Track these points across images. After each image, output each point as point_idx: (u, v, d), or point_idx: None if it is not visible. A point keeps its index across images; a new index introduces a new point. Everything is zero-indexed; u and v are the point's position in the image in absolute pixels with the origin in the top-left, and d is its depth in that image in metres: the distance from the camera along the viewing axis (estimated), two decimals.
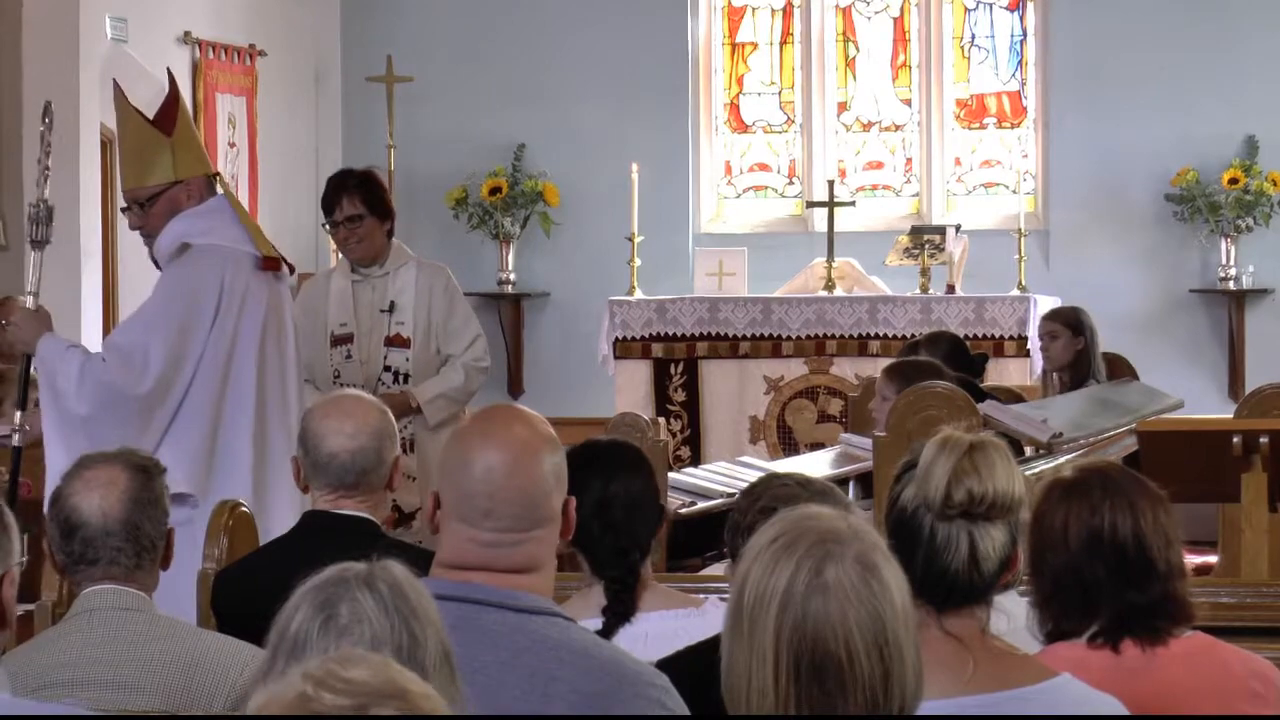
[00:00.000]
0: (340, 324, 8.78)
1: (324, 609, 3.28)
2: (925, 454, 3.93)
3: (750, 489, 4.99)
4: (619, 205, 15.20)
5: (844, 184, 15.98)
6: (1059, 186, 16.23)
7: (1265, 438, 7.68)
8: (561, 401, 14.45)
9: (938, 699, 3.61)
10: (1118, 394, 10.72)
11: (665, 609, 5.04)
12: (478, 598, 3.85)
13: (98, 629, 4.68)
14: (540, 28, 16.49)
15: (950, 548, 3.88)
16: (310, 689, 2.55)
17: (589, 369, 14.88)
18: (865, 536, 3.28)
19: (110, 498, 4.70)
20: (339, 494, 5.42)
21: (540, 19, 16.49)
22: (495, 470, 4.01)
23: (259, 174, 15.85)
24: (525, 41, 16.51)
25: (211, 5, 15.41)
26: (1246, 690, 4.29)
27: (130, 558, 4.70)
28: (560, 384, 15.91)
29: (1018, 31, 16.59)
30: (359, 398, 5.85)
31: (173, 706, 4.44)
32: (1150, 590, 4.26)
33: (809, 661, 3.17)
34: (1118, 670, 4.17)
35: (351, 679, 2.56)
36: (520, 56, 16.51)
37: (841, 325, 14.23)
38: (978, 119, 16.70)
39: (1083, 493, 4.31)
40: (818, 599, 3.18)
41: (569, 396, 15.04)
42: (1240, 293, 15.70)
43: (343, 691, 2.54)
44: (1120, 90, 15.79)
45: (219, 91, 15.43)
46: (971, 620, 3.91)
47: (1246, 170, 15.55)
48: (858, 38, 16.76)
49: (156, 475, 4.80)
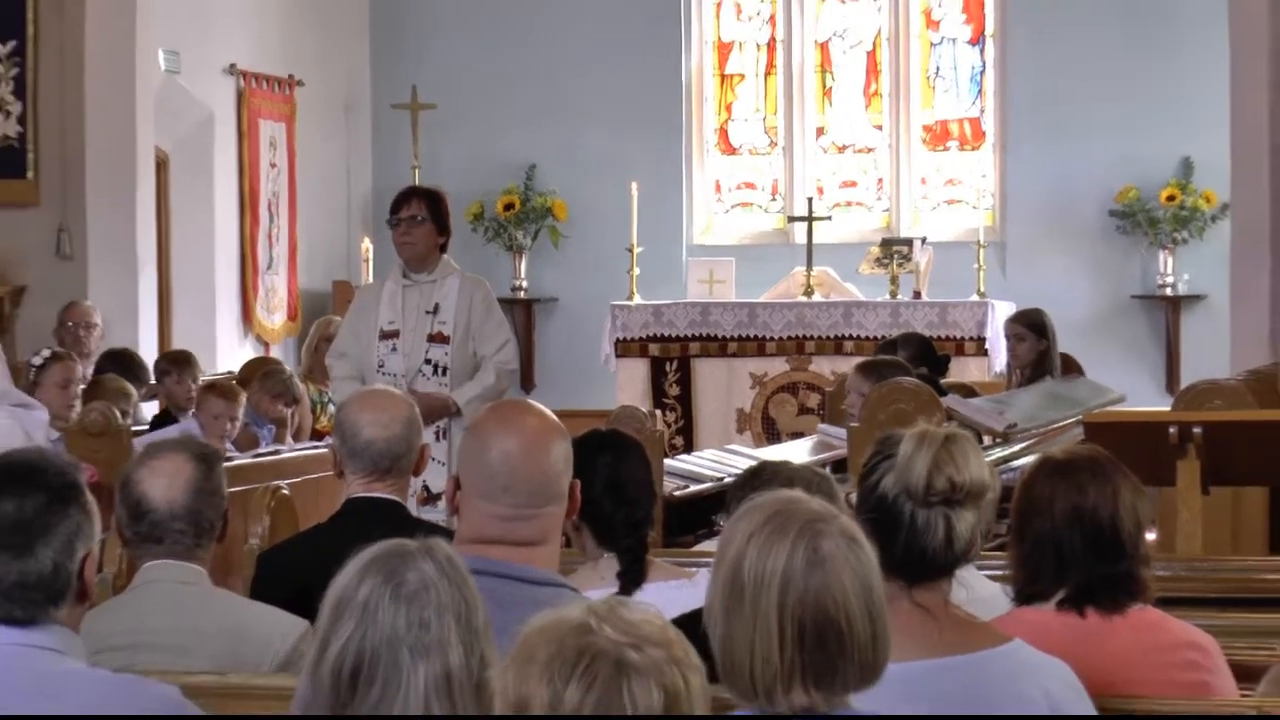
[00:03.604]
0: (389, 321, 8.84)
1: (391, 577, 3.30)
2: (904, 448, 3.93)
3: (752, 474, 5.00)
4: (620, 219, 15.20)
5: (821, 200, 15.96)
6: (1014, 203, 16.24)
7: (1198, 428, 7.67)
8: (568, 396, 14.43)
9: (910, 661, 3.63)
10: (1067, 389, 10.72)
11: (662, 580, 5.06)
12: (495, 570, 3.87)
13: (156, 599, 4.67)
14: (550, 61, 16.49)
15: (930, 531, 3.89)
16: (594, 621, 2.61)
17: (593, 367, 14.87)
18: (840, 514, 3.35)
19: (175, 486, 4.69)
20: (372, 478, 5.42)
21: (550, 53, 16.49)
22: (512, 455, 4.10)
23: (297, 191, 15.84)
24: (536, 73, 16.51)
25: (254, 39, 15.39)
26: (1184, 659, 4.30)
27: (191, 539, 4.71)
28: (567, 380, 15.91)
29: (978, 64, 16.60)
30: (390, 392, 5.89)
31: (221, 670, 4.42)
32: (1117, 566, 4.28)
33: (813, 630, 3.22)
34: (1078, 633, 4.18)
35: (632, 622, 2.61)
36: (532, 87, 16.50)
37: (819, 327, 14.24)
38: (941, 142, 16.70)
39: (1072, 472, 4.33)
40: (818, 573, 3.23)
41: (575, 391, 15.02)
42: (1177, 299, 15.72)
43: (621, 630, 2.59)
44: (1069, 116, 15.79)
45: (261, 117, 15.41)
46: (938, 592, 3.91)
47: (1183, 188, 15.58)
48: (834, 69, 16.78)
49: (216, 464, 4.80)
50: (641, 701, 2.53)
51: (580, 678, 2.54)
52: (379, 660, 3.32)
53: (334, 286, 15.92)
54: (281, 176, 15.69)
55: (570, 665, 2.55)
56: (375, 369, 8.77)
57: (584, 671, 2.55)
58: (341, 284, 15.72)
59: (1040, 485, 4.33)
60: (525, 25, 16.54)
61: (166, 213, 14.55)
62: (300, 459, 9.73)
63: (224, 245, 15.07)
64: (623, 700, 2.53)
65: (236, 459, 9.21)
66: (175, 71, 14.21)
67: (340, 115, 16.67)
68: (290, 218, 15.77)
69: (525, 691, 2.56)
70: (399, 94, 16.31)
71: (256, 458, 9.83)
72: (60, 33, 12.87)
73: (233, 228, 15.16)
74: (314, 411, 11.87)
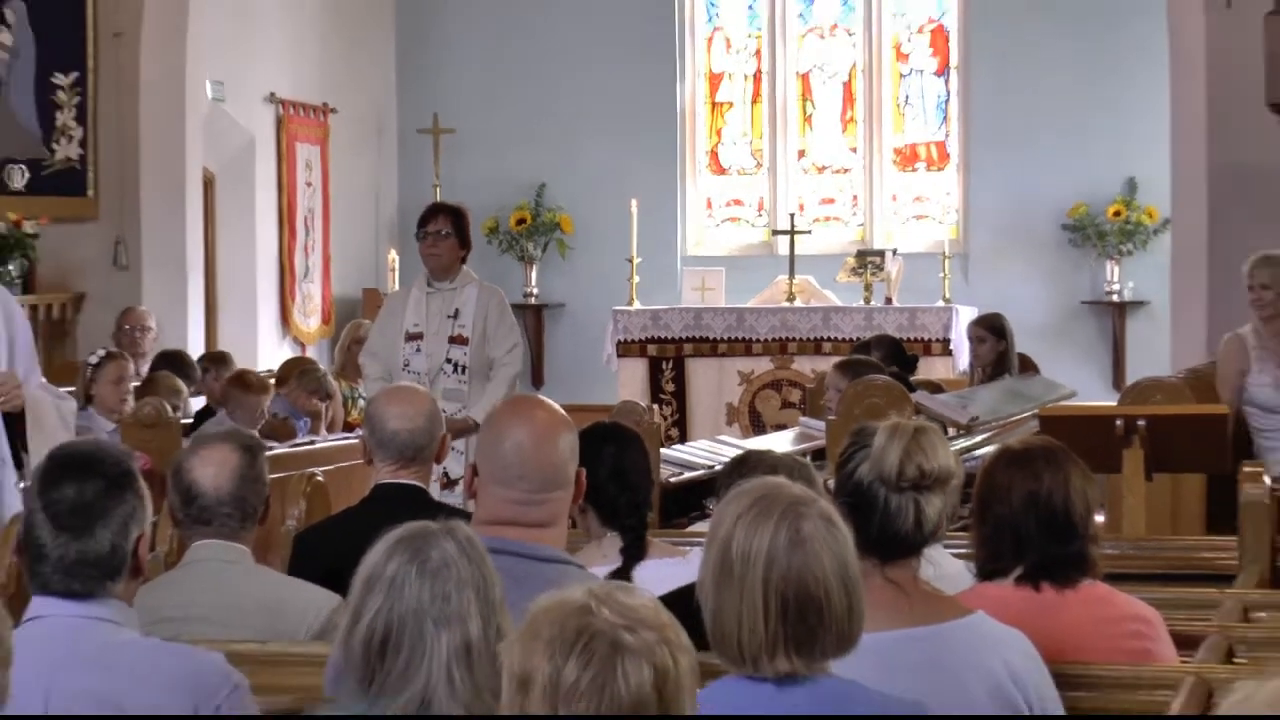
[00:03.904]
0: (414, 324, 8.84)
1: (416, 555, 3.31)
2: (878, 439, 3.93)
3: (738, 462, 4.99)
4: (621, 233, 15.19)
5: (802, 216, 15.94)
6: (976, 217, 16.22)
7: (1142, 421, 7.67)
8: (575, 392, 14.41)
9: (883, 631, 3.62)
10: (1024, 386, 10.72)
11: (659, 558, 5.05)
12: (509, 549, 3.87)
13: (203, 576, 4.68)
14: (557, 90, 16.49)
15: (901, 514, 3.88)
16: (594, 603, 2.59)
17: (596, 366, 14.86)
18: (819, 499, 3.36)
19: (222, 475, 4.69)
20: (398, 466, 5.43)
21: (557, 83, 16.48)
22: (524, 445, 4.10)
23: (330, 208, 15.84)
24: (545, 101, 16.50)
25: (292, 70, 15.39)
26: (1130, 630, 4.29)
27: (236, 522, 4.71)
28: (573, 378, 15.90)
29: (943, 94, 16.58)
30: (414, 388, 5.91)
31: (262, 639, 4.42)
32: (1069, 546, 4.26)
33: (794, 604, 3.24)
34: (1034, 606, 4.17)
35: (629, 605, 2.59)
36: (541, 113, 16.50)
37: (800, 330, 14.23)
38: (910, 163, 16.68)
39: (1028, 461, 4.32)
40: (799, 552, 3.25)
41: (581, 388, 15.01)
42: (1122, 304, 15.70)
43: (618, 612, 2.57)
44: (1025, 140, 15.79)
45: (298, 141, 15.41)
46: (908, 569, 3.90)
47: (1128, 205, 15.57)
48: (814, 98, 16.77)
49: (259, 454, 4.81)
50: (634, 679, 2.54)
51: (579, 655, 2.54)
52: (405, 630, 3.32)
53: (363, 293, 15.92)
54: (316, 194, 15.68)
55: (570, 644, 2.55)
56: (402, 368, 8.78)
57: (582, 650, 2.55)
58: (370, 291, 15.72)
59: (1000, 473, 4.32)
60: (536, 58, 16.53)
61: (213, 227, 14.54)
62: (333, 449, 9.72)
63: (264, 256, 15.06)
64: (617, 677, 2.54)
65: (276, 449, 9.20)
66: (221, 100, 14.20)
67: (369, 139, 16.66)
68: (324, 231, 15.76)
69: (529, 666, 2.56)
70: (422, 120, 16.32)
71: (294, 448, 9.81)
72: (118, 65, 12.87)
73: (272, 240, 15.16)
74: (345, 406, 11.86)
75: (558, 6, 16.51)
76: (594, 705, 2.52)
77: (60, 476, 3.71)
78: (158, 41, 12.98)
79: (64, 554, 3.66)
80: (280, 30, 15.20)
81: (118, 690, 3.58)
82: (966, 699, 3.72)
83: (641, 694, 2.53)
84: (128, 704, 3.57)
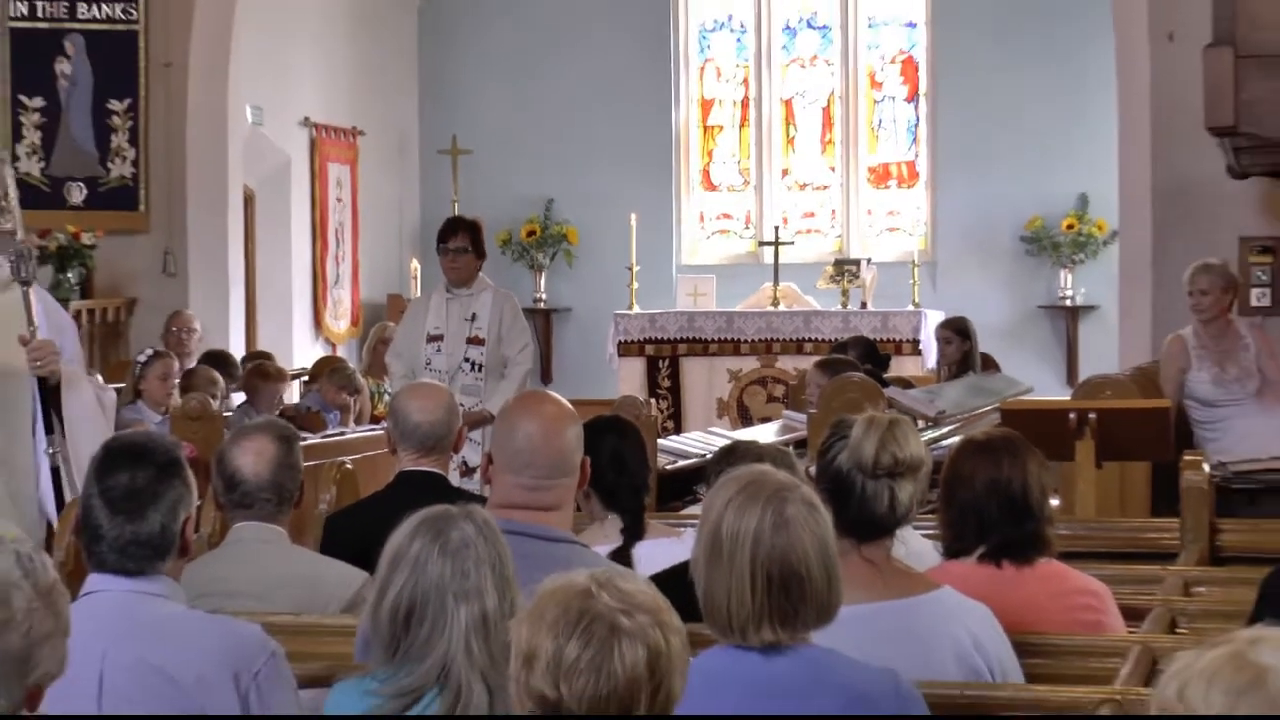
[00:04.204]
0: (435, 327, 8.85)
1: (438, 536, 3.33)
2: (855, 431, 3.93)
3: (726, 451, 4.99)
4: (621, 244, 15.18)
5: (785, 228, 15.91)
6: (943, 230, 16.21)
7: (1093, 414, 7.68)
8: (580, 387, 14.41)
9: (859, 604, 3.62)
10: (986, 382, 10.70)
11: (656, 538, 5.05)
12: (520, 530, 3.86)
13: (244, 555, 4.67)
14: (564, 115, 16.48)
15: (877, 498, 3.89)
16: (595, 588, 2.58)
17: (599, 364, 14.85)
18: (801, 485, 3.37)
19: (261, 462, 4.68)
20: (420, 455, 5.42)
21: (564, 109, 16.48)
22: (534, 436, 4.09)
23: (359, 221, 15.83)
24: (553, 125, 16.50)
25: (324, 96, 15.38)
26: (1082, 603, 4.29)
27: (274, 506, 4.70)
28: (579, 375, 15.89)
29: (913, 118, 16.58)
30: (434, 385, 5.91)
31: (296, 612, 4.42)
32: (1027, 527, 4.26)
33: (778, 580, 3.25)
34: (996, 582, 4.18)
35: (626, 591, 2.59)
36: (549, 136, 16.50)
37: (784, 332, 14.22)
38: (884, 181, 16.67)
39: (990, 450, 4.32)
40: (783, 533, 3.25)
41: (585, 384, 14.99)
42: (1075, 308, 15.69)
43: (616, 596, 2.57)
44: (988, 160, 15.78)
45: (329, 161, 15.40)
46: (881, 548, 3.90)
47: (1080, 218, 15.56)
48: (796, 122, 16.76)
49: (295, 443, 4.81)
50: (629, 658, 2.54)
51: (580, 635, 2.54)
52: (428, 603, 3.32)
53: (388, 298, 15.90)
54: (346, 209, 15.67)
55: (572, 625, 2.55)
56: (424, 366, 8.78)
57: (583, 631, 2.54)
58: (395, 296, 15.70)
59: (964, 461, 4.32)
60: (545, 86, 16.52)
61: (252, 238, 14.53)
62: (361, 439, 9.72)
63: (299, 264, 15.06)
64: (614, 656, 2.53)
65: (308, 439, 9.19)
66: (259, 124, 14.20)
67: (394, 159, 16.65)
68: (353, 242, 15.75)
69: (535, 643, 2.56)
70: (442, 141, 16.31)
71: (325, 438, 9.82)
72: (167, 93, 12.86)
73: (306, 250, 15.15)
74: (372, 400, 11.86)
75: (565, 39, 16.50)
76: (592, 681, 2.52)
77: (115, 464, 3.71)
78: (203, 71, 12.97)
79: (118, 535, 3.66)
80: (313, 60, 15.19)
81: (166, 658, 3.58)
82: (935, 665, 3.72)
83: (636, 672, 2.53)
84: (175, 671, 3.57)
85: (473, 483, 8.11)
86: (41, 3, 12.61)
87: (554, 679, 2.52)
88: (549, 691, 2.53)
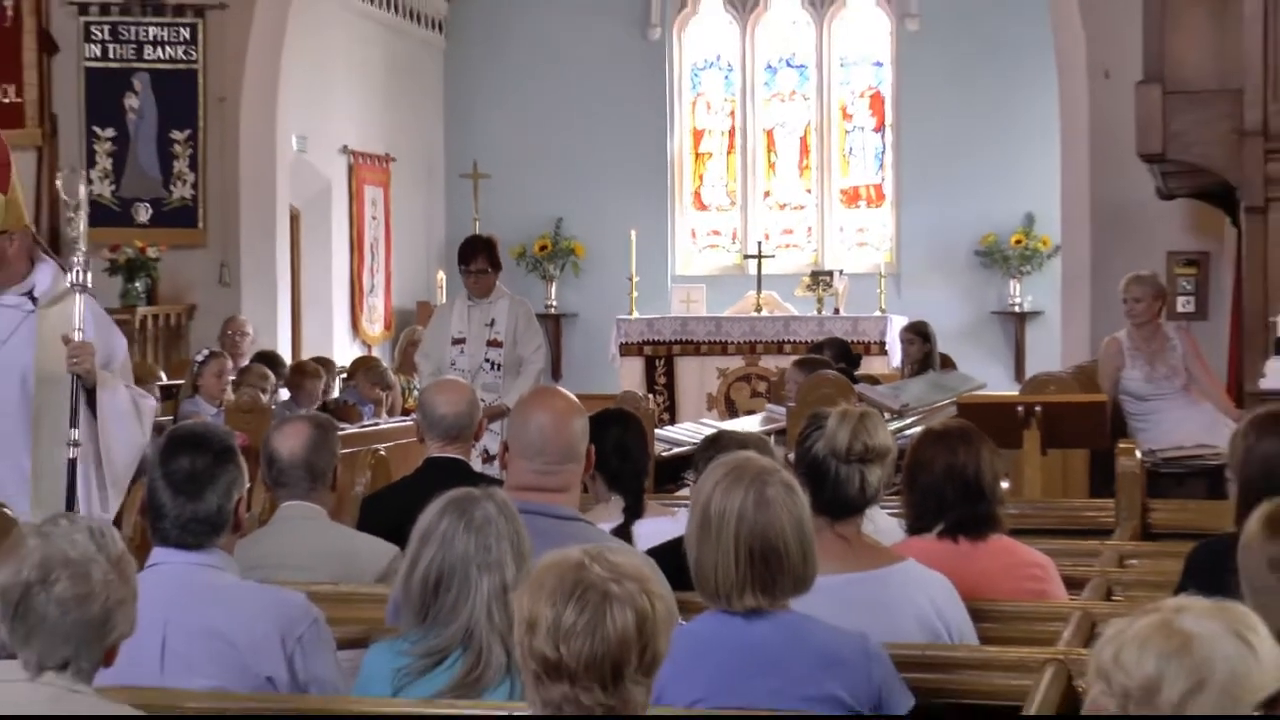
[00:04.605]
0: (458, 331, 8.83)
1: (463, 514, 3.33)
2: (830, 422, 3.93)
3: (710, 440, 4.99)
4: (623, 257, 15.17)
5: (768, 243, 15.92)
6: (907, 245, 16.22)
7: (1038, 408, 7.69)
8: (586, 384, 14.41)
9: (832, 575, 3.62)
10: (945, 379, 10.70)
11: (654, 517, 5.04)
12: (534, 510, 3.84)
13: (289, 531, 4.65)
14: (572, 144, 16.48)
15: (849, 481, 3.88)
16: (587, 560, 2.57)
17: (603, 363, 14.85)
18: (780, 469, 3.37)
19: (296, 444, 4.67)
20: (445, 443, 5.41)
21: (572, 138, 16.48)
22: (545, 427, 4.08)
23: (391, 237, 15.81)
24: (562, 152, 16.50)
25: (360, 127, 15.37)
26: (1030, 574, 4.29)
27: (307, 483, 4.68)
28: (585, 372, 15.89)
29: (880, 146, 16.58)
30: (458, 381, 5.89)
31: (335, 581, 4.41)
32: (980, 507, 4.25)
33: (759, 553, 3.26)
34: (953, 555, 4.17)
35: (615, 562, 2.58)
36: (559, 162, 16.50)
37: (766, 335, 14.21)
38: (854, 201, 16.67)
39: (948, 440, 4.31)
40: (763, 512, 3.26)
41: (591, 381, 15.00)
42: (1022, 314, 15.70)
43: (606, 567, 2.56)
44: (946, 184, 15.80)
45: (365, 184, 15.38)
46: (853, 525, 3.90)
47: (1027, 234, 15.58)
48: (777, 149, 16.76)
49: (329, 430, 4.79)
50: (619, 621, 2.53)
51: (575, 602, 2.53)
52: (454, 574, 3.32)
53: (417, 305, 15.89)
54: (380, 226, 15.66)
55: (568, 593, 2.54)
56: (449, 366, 8.76)
57: (578, 598, 2.54)
58: (423, 303, 15.69)
59: (925, 449, 4.31)
60: (555, 117, 16.52)
61: (298, 252, 14.52)
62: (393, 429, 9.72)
63: (338, 275, 15.05)
64: (606, 620, 2.53)
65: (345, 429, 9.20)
66: (304, 151, 14.19)
67: (422, 182, 16.64)
68: (386, 255, 15.74)
69: (536, 610, 2.55)
70: (464, 166, 16.29)
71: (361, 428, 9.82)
72: (222, 124, 12.86)
73: (345, 262, 15.14)
74: (402, 395, 11.85)
75: (573, 77, 16.50)
76: (588, 643, 2.51)
77: (177, 451, 3.71)
78: (254, 105, 12.97)
79: (180, 513, 3.66)
80: (351, 95, 15.19)
81: (221, 622, 3.58)
82: (900, 629, 3.71)
83: (626, 633, 2.52)
84: (230, 633, 3.57)
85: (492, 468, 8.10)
86: (113, 45, 12.67)
87: (554, 642, 2.51)
88: (550, 652, 2.52)
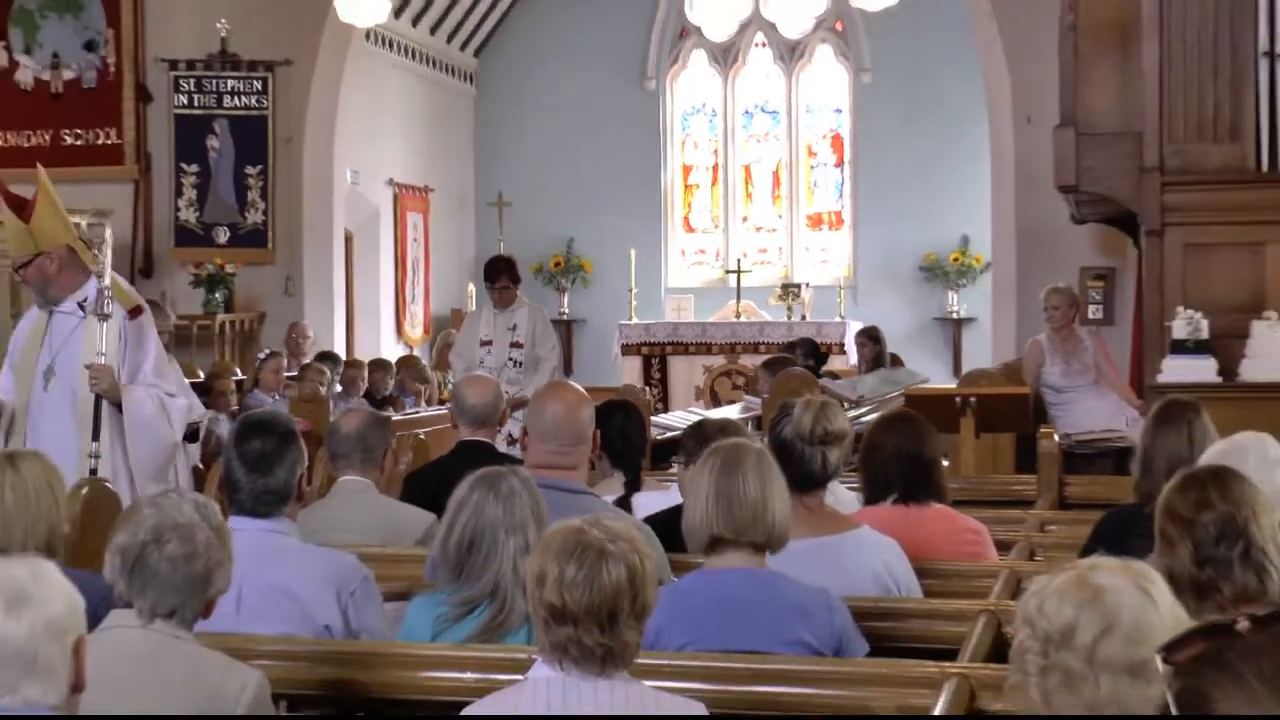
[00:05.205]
0: (486, 335, 8.81)
1: (491, 487, 3.34)
2: (796, 410, 3.94)
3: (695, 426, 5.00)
4: (624, 271, 15.18)
5: (746, 260, 15.90)
6: (863, 262, 16.21)
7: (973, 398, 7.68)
8: (593, 378, 14.39)
9: (800, 540, 3.61)
10: (894, 375, 10.70)
11: (651, 491, 5.03)
12: (550, 484, 3.85)
13: (343, 502, 4.65)
14: (582, 177, 16.47)
15: (812, 460, 3.89)
16: (586, 525, 2.60)
17: (607, 361, 14.85)
18: (758, 449, 3.41)
19: (353, 424, 4.69)
20: (474, 428, 5.40)
21: (582, 172, 16.47)
22: (559, 415, 4.10)
23: (429, 255, 15.81)
24: (573, 184, 16.49)
25: (404, 161, 15.37)
26: (967, 539, 4.28)
27: (359, 457, 4.67)
28: (592, 369, 15.86)
29: (840, 179, 16.57)
30: (485, 377, 5.89)
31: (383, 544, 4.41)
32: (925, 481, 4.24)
33: (726, 497, 3.27)
34: (902, 521, 4.15)
35: (610, 526, 2.61)
36: (571, 192, 16.49)
37: (744, 337, 14.24)
38: (818, 225, 16.65)
39: (897, 424, 4.31)
40: (737, 479, 3.29)
41: (597, 375, 14.98)
42: (959, 320, 15.69)
43: (603, 530, 2.59)
44: (895, 210, 15.80)
45: (408, 211, 15.38)
46: (816, 497, 3.90)
47: (963, 253, 15.57)
48: (754, 181, 16.75)
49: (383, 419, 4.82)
50: (614, 574, 2.56)
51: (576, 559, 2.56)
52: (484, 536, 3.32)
53: (451, 312, 15.88)
54: (419, 246, 15.65)
55: (570, 552, 2.57)
56: (478, 364, 8.75)
57: (579, 556, 2.56)
58: (456, 310, 15.68)
59: (878, 433, 4.30)
60: (567, 155, 16.51)
61: (351, 268, 14.52)
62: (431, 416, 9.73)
63: (385, 287, 15.04)
64: (602, 573, 2.55)
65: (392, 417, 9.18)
66: (356, 183, 14.18)
67: (456, 209, 16.63)
68: (425, 271, 15.74)
69: (544, 567, 2.58)
70: (491, 196, 16.30)
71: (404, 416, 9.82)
72: (288, 161, 12.87)
73: (390, 277, 15.14)
74: (439, 388, 11.85)
75: (582, 120, 16.49)
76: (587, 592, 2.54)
77: (249, 434, 3.71)
78: (315, 145, 12.98)
79: (252, 487, 3.66)
80: (396, 137, 15.18)
81: (287, 579, 3.57)
82: (856, 585, 3.71)
83: (619, 585, 2.55)
84: (294, 588, 3.56)
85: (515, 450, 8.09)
86: (197, 95, 12.73)
87: (559, 592, 2.54)
88: (556, 601, 2.54)
